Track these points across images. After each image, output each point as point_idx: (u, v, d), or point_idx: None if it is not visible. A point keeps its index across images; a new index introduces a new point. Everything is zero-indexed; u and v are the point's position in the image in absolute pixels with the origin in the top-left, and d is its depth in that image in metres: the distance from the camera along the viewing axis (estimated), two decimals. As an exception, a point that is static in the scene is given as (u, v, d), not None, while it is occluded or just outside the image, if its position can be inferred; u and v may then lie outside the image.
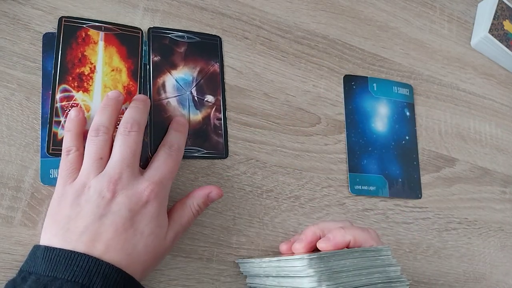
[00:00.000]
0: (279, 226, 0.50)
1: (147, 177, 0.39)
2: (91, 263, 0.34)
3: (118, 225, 0.36)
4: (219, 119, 0.50)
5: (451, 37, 0.69)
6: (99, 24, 0.47)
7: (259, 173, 0.50)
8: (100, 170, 0.38)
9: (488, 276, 0.60)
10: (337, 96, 0.57)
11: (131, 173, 0.38)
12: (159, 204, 0.38)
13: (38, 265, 0.34)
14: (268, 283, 0.42)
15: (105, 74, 0.46)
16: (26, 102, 0.43)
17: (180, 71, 0.49)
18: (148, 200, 0.38)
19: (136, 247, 0.36)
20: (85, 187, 0.37)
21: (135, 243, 0.36)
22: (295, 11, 0.58)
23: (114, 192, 0.37)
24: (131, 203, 0.37)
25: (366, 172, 0.55)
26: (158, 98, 0.47)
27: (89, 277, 0.33)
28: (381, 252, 0.39)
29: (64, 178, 0.38)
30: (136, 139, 0.39)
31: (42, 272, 0.34)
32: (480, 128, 0.66)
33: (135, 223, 0.37)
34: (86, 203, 0.36)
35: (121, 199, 0.37)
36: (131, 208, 0.37)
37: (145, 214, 0.37)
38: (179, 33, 0.50)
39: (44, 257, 0.34)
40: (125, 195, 0.37)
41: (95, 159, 0.38)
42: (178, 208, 0.42)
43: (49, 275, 0.33)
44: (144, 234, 0.37)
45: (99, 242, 0.35)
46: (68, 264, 0.33)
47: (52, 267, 0.34)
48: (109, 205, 0.36)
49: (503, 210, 0.64)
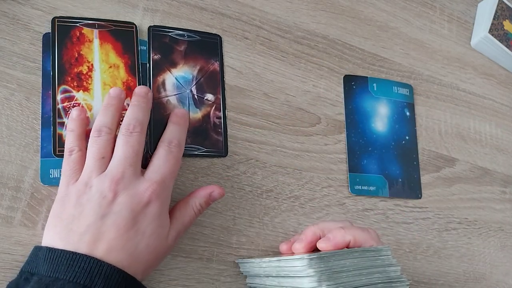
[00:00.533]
0: (279, 226, 0.50)
1: (148, 177, 0.39)
2: (93, 264, 0.34)
3: (119, 225, 0.36)
4: (219, 117, 0.50)
5: (451, 37, 0.69)
6: (93, 22, 0.47)
7: (259, 173, 0.50)
8: (102, 169, 0.38)
9: (488, 276, 0.60)
10: (337, 96, 0.57)
11: (133, 173, 0.38)
12: (161, 204, 0.38)
13: (40, 266, 0.35)
14: (268, 283, 0.42)
15: (103, 72, 0.46)
16: (26, 102, 0.43)
17: (180, 70, 0.49)
18: (150, 200, 0.38)
19: (138, 247, 0.37)
20: (87, 186, 0.37)
21: (137, 243, 0.36)
22: (295, 11, 0.58)
23: (116, 192, 0.37)
24: (132, 203, 0.37)
25: (366, 172, 0.55)
26: (158, 96, 0.47)
27: (91, 278, 0.33)
28: (381, 252, 0.39)
29: (67, 178, 0.38)
30: (139, 139, 0.39)
31: (44, 273, 0.34)
32: (480, 128, 0.66)
33: (137, 223, 0.37)
34: (88, 203, 0.36)
35: (123, 199, 0.37)
36: (132, 209, 0.37)
37: (147, 214, 0.37)
38: (179, 32, 0.50)
39: (46, 258, 0.34)
40: (127, 195, 0.37)
41: (97, 158, 0.38)
42: (180, 207, 0.42)
43: (51, 276, 0.33)
44: (146, 234, 0.37)
45: (101, 242, 0.35)
46: (69, 265, 0.34)
47: (54, 268, 0.34)
48: (111, 205, 0.36)
49: (503, 210, 0.64)
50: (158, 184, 0.38)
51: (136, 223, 0.37)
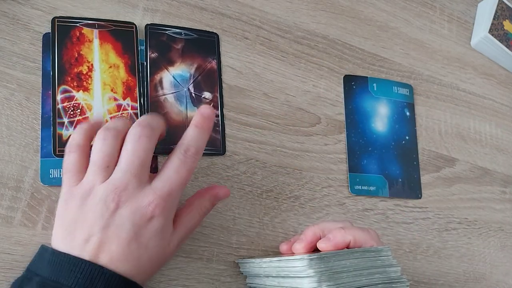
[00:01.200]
0: (279, 226, 0.50)
1: (155, 188, 0.37)
2: (95, 271, 0.34)
3: (121, 238, 0.35)
4: (217, 115, 0.50)
5: (451, 37, 0.69)
6: (93, 22, 0.47)
7: (259, 173, 0.50)
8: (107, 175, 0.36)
9: (488, 276, 0.60)
10: (337, 96, 0.57)
11: (137, 184, 0.36)
12: (165, 218, 0.37)
13: (44, 268, 0.35)
14: (268, 283, 0.42)
15: (103, 72, 0.46)
16: (26, 102, 0.43)
17: (177, 68, 0.49)
18: (153, 215, 0.36)
19: (141, 259, 0.36)
20: (91, 193, 0.36)
21: (139, 256, 0.36)
22: (295, 11, 0.58)
23: (118, 203, 0.35)
24: (135, 218, 0.36)
25: (366, 172, 0.55)
26: (155, 95, 0.47)
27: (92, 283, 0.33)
28: (381, 252, 0.39)
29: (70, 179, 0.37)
30: (146, 147, 0.37)
31: (47, 276, 0.34)
32: (480, 128, 0.66)
33: (139, 237, 0.36)
34: (90, 211, 0.36)
35: (125, 212, 0.36)
36: (134, 223, 0.36)
37: (149, 229, 0.36)
38: (176, 30, 0.50)
39: (50, 260, 0.35)
40: (129, 208, 0.36)
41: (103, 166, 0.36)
42: (184, 212, 0.41)
43: (53, 279, 0.33)
44: (149, 248, 0.36)
45: (102, 252, 0.35)
46: (72, 270, 0.34)
47: (56, 272, 0.34)
48: (113, 217, 0.35)
49: (503, 210, 0.64)
50: (163, 198, 0.36)
51: (139, 237, 0.36)
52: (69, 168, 0.38)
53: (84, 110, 0.44)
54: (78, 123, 0.44)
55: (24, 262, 0.39)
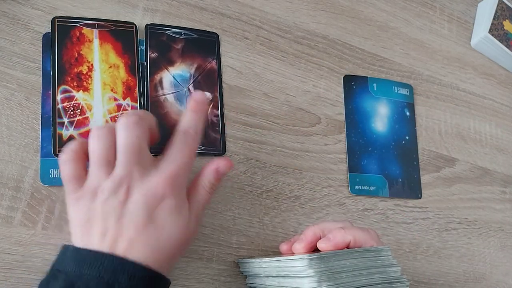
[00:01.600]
0: (279, 226, 0.50)
1: (161, 169, 0.38)
2: (115, 261, 0.34)
3: (137, 224, 0.36)
4: (217, 115, 0.50)
5: (451, 37, 0.69)
6: (93, 22, 0.47)
7: (259, 173, 0.50)
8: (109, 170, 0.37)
9: (488, 276, 0.60)
10: (337, 96, 0.57)
11: (141, 169, 0.37)
12: (177, 195, 0.38)
13: (67, 264, 0.35)
14: (268, 283, 0.42)
15: (103, 72, 0.46)
16: (26, 102, 0.43)
17: (177, 68, 0.49)
18: (164, 194, 0.37)
19: (160, 241, 0.36)
20: (99, 190, 0.36)
21: (158, 237, 0.36)
22: (295, 11, 0.58)
23: (127, 192, 0.36)
24: (146, 200, 0.36)
25: (366, 172, 0.55)
26: (155, 95, 0.47)
27: (114, 275, 0.34)
28: (381, 252, 0.39)
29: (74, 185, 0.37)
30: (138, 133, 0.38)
31: (71, 270, 0.34)
32: (480, 128, 0.66)
33: (155, 219, 0.36)
34: (102, 206, 0.36)
35: (136, 198, 0.36)
36: (147, 206, 0.36)
37: (163, 208, 0.37)
38: (176, 30, 0.50)
39: (72, 257, 0.35)
40: (139, 194, 0.36)
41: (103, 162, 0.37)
42: (191, 192, 0.41)
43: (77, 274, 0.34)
44: (166, 228, 0.37)
45: (121, 242, 0.35)
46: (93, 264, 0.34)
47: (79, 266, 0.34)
48: (125, 206, 0.36)
49: (503, 210, 0.64)
50: (171, 177, 0.37)
51: (154, 218, 0.36)
52: (69, 176, 0.37)
53: (84, 110, 0.44)
54: (78, 123, 0.44)
55: (24, 262, 0.39)
